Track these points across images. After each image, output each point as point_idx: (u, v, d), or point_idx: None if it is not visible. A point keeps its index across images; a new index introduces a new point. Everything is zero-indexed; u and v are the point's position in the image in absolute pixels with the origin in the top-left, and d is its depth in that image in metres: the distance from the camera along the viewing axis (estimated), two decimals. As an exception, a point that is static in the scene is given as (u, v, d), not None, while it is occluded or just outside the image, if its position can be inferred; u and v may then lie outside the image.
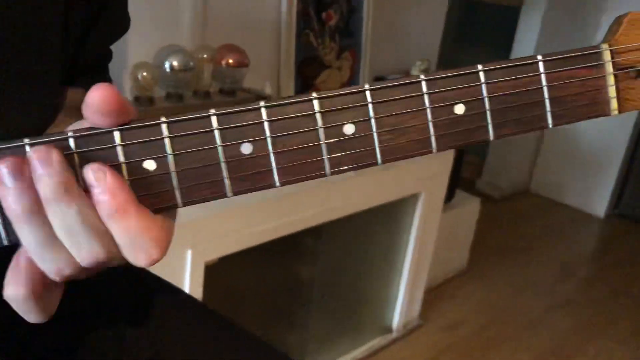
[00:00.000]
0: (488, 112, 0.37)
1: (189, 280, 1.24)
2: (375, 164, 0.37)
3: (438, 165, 1.83)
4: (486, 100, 0.37)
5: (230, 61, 1.52)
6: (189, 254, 1.22)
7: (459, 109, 0.37)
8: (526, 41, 2.91)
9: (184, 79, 1.45)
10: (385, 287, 1.91)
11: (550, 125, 0.37)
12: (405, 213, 1.81)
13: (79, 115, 0.37)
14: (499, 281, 2.42)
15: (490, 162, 3.18)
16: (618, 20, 0.39)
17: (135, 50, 1.42)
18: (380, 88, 0.36)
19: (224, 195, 0.37)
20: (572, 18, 2.91)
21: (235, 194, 0.37)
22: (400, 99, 0.36)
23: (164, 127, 0.35)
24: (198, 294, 1.27)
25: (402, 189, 1.73)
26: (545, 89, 0.37)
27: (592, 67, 0.38)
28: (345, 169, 0.37)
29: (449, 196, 2.19)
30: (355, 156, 0.37)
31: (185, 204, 0.36)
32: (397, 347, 1.96)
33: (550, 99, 0.37)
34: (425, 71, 2.09)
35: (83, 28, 0.59)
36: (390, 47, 2.10)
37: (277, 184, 0.37)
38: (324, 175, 0.37)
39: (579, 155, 3.13)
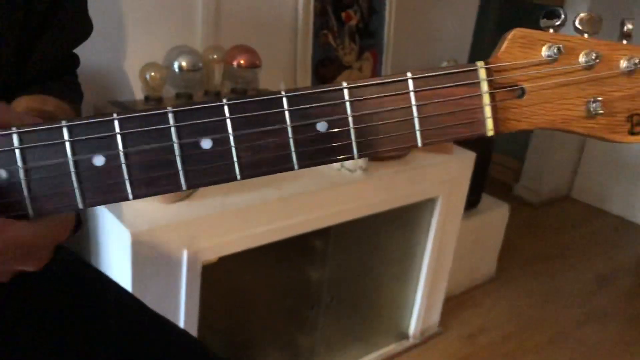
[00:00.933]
0: (352, 130, 0.35)
1: (185, 279, 1.25)
2: (235, 179, 0.35)
3: (457, 169, 1.78)
4: (350, 119, 0.35)
5: (242, 62, 1.52)
6: (184, 254, 1.22)
7: (322, 126, 0.35)
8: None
9: (193, 79, 1.46)
10: (401, 292, 1.88)
11: (420, 145, 0.35)
12: (422, 217, 1.78)
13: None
14: (528, 290, 2.34)
15: (529, 166, 3.08)
16: (503, 37, 0.36)
17: (146, 51, 1.44)
18: (239, 102, 0.34)
19: (77, 207, 0.36)
20: (615, 17, 2.78)
21: (88, 205, 0.36)
22: (261, 114, 0.34)
23: (15, 137, 0.35)
24: (196, 294, 1.28)
25: (417, 192, 1.69)
26: (414, 108, 0.35)
27: (467, 86, 0.35)
28: (201, 184, 0.36)
29: (475, 201, 2.13)
30: (212, 171, 0.35)
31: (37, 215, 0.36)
32: (413, 354, 1.92)
33: (420, 117, 0.35)
34: (452, 72, 2.04)
35: (26, 36, 0.59)
36: (415, 48, 2.06)
37: (130, 197, 0.36)
38: (181, 189, 0.36)
39: (624, 160, 2.99)
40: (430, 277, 1.85)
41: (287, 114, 0.34)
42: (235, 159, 0.35)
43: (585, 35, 0.37)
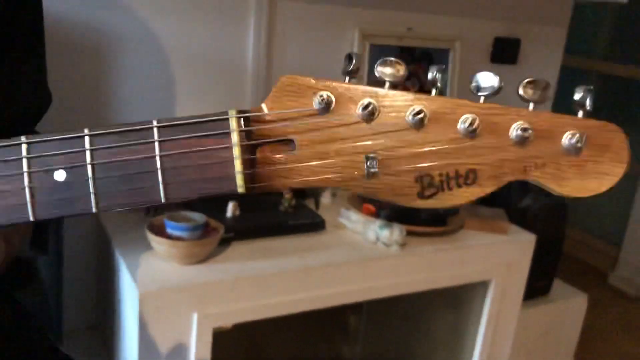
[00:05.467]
0: (90, 181, 0.32)
1: (194, 344, 1.22)
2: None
3: (513, 251, 1.64)
4: (88, 168, 0.32)
5: (285, 130, 1.53)
6: (194, 317, 1.21)
7: (60, 175, 0.32)
8: None
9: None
10: (450, 382, 1.73)
11: (163, 200, 0.31)
12: (472, 301, 1.64)
13: None
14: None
15: (628, 252, 2.79)
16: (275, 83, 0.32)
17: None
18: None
19: None
20: None
21: None
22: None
23: None
24: (206, 359, 1.25)
25: (464, 274, 1.57)
26: (157, 159, 0.31)
27: (217, 137, 0.31)
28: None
29: (544, 288, 1.95)
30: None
31: None
32: None
33: (163, 169, 0.31)
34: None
35: None
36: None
37: None
38: None
39: None
40: (484, 368, 1.69)
41: (24, 161, 0.32)
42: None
43: (386, 87, 0.32)
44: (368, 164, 0.31)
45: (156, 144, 0.31)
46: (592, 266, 2.83)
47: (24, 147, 0.32)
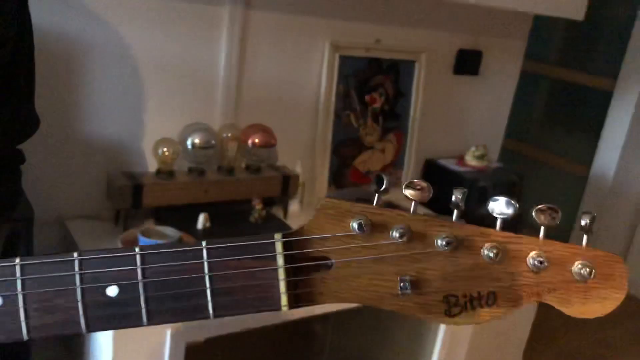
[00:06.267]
0: (142, 297, 0.34)
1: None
2: (22, 339, 0.35)
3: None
4: (140, 285, 0.34)
5: (256, 141, 1.55)
6: (167, 333, 1.23)
7: (112, 291, 0.34)
8: (617, 126, 2.70)
9: (205, 155, 1.50)
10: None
11: (211, 318, 0.34)
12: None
13: None
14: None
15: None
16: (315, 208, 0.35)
17: (164, 125, 1.49)
18: (31, 264, 0.35)
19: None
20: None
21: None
22: (51, 276, 0.35)
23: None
24: (178, 374, 1.27)
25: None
26: (207, 278, 0.34)
27: (263, 259, 0.34)
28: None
29: (499, 292, 2.04)
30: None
31: None
32: None
33: (213, 289, 0.34)
34: (481, 157, 2.00)
35: None
36: (443, 131, 2.04)
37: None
38: None
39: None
40: (441, 370, 1.76)
41: (77, 276, 0.34)
42: (22, 319, 0.35)
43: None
44: (402, 285, 0.34)
45: (205, 263, 0.34)
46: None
47: (76, 262, 0.34)
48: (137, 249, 0.34)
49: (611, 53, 2.80)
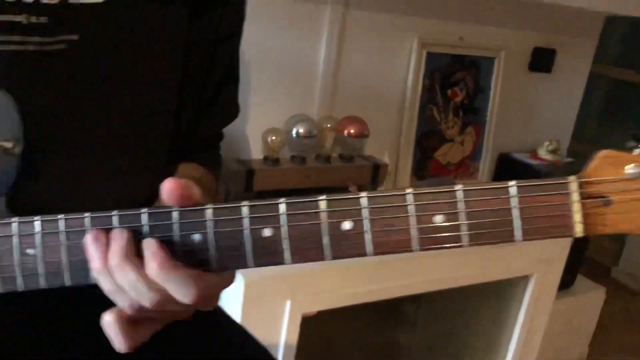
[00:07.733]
0: (464, 224, 0.44)
1: (285, 329, 1.35)
2: (365, 255, 0.46)
3: (554, 248, 1.79)
4: (463, 214, 0.44)
5: (352, 131, 1.65)
6: (287, 304, 1.33)
7: (439, 218, 0.45)
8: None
9: (307, 144, 1.60)
10: (488, 365, 1.88)
11: (518, 239, 0.44)
12: (515, 293, 1.79)
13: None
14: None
15: (630, 249, 2.98)
16: (594, 156, 0.45)
17: (268, 116, 1.60)
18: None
19: (247, 266, 0.47)
20: None
21: (256, 266, 0.47)
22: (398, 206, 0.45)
23: (209, 212, 0.47)
24: (293, 343, 1.38)
25: (512, 269, 1.72)
26: (515, 209, 0.44)
27: (561, 195, 0.44)
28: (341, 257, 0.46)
29: (569, 281, 2.11)
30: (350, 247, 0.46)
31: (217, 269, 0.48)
32: None
33: (522, 218, 0.44)
34: (554, 152, 2.08)
35: (195, 115, 0.74)
36: (518, 126, 2.12)
37: (287, 263, 0.47)
38: (326, 259, 0.47)
39: None
40: (517, 354, 1.85)
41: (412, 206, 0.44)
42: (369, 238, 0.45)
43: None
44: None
45: (515, 198, 0.44)
46: (596, 261, 3.02)
47: (411, 196, 0.45)
48: (459, 186, 0.44)
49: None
